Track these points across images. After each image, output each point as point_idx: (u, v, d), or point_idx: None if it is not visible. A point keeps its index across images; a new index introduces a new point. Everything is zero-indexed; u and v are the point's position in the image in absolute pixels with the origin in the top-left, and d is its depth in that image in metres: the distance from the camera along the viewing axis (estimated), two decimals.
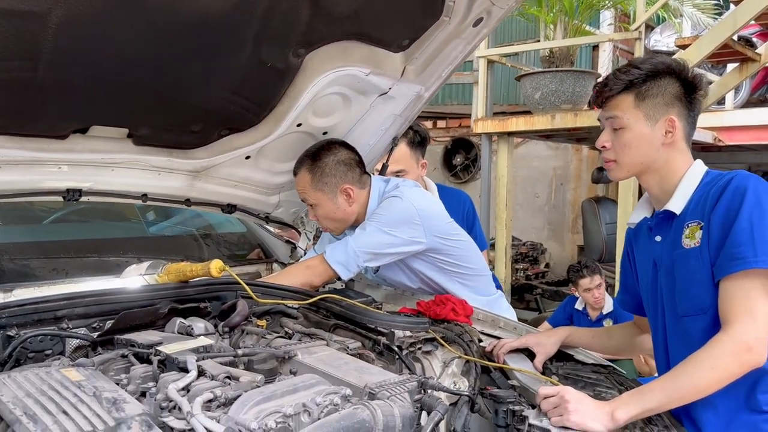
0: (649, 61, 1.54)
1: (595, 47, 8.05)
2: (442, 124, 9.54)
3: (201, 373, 1.21)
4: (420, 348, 1.76)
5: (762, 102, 6.43)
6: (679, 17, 6.28)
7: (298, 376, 1.26)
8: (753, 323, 1.34)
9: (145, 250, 2.61)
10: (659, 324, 1.61)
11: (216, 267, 1.74)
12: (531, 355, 1.78)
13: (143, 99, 1.73)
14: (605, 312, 3.93)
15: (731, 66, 5.63)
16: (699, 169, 1.55)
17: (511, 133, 5.64)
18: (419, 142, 2.72)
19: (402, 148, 2.59)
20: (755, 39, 5.76)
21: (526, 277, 7.11)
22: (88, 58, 1.48)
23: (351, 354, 1.53)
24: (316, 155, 2.11)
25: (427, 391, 1.26)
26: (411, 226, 2.05)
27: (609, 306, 3.93)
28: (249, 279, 2.00)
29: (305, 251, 2.58)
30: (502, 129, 5.54)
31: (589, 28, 6.18)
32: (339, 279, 2.13)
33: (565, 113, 5.12)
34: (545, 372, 1.72)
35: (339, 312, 1.81)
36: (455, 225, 2.22)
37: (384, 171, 2.44)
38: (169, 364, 1.27)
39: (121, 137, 1.88)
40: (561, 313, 4.26)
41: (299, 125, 2.09)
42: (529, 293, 6.84)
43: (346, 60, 1.90)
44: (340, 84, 1.98)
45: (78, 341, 1.51)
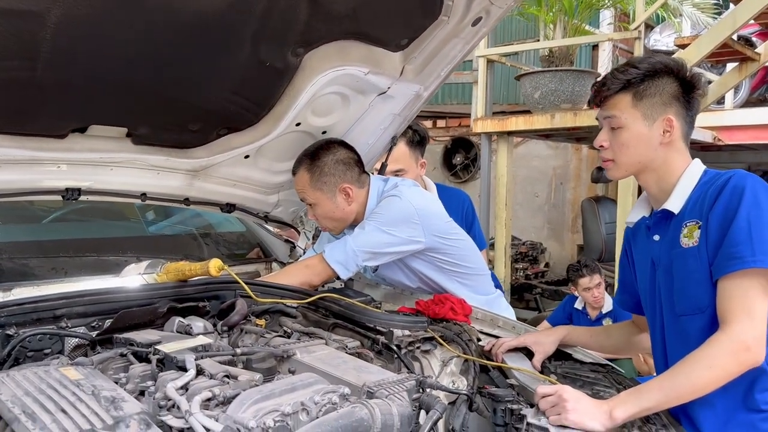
0: (647, 61, 1.55)
1: (595, 47, 8.04)
2: (441, 123, 9.53)
3: (200, 372, 1.21)
4: (419, 347, 1.76)
5: (761, 101, 6.43)
6: (679, 17, 6.27)
7: (296, 374, 1.27)
8: (751, 322, 1.34)
9: (145, 249, 2.61)
10: (657, 323, 1.61)
11: (215, 266, 1.74)
12: (530, 354, 1.78)
13: (142, 98, 1.73)
14: (605, 311, 3.93)
15: (731, 65, 5.62)
16: (697, 169, 1.55)
17: (511, 133, 5.63)
18: (418, 141, 2.72)
19: (401, 147, 2.60)
20: (755, 38, 5.76)
21: (525, 277, 7.11)
22: (86, 57, 1.48)
23: (350, 353, 1.53)
24: (314, 155, 2.12)
25: (426, 390, 1.26)
26: (410, 225, 2.05)
27: (608, 305, 3.93)
28: (248, 278, 2.00)
29: (304, 250, 2.58)
30: (501, 128, 5.53)
31: (589, 27, 6.17)
32: (338, 278, 2.13)
33: (565, 113, 5.12)
34: (544, 371, 1.72)
35: (338, 311, 1.81)
36: (454, 224, 2.22)
37: (383, 170, 2.44)
38: (168, 363, 1.27)
39: (120, 136, 1.88)
40: (560, 313, 4.26)
41: (298, 124, 2.09)
42: (529, 293, 6.84)
43: (344, 59, 1.90)
44: (338, 83, 1.98)
45: (77, 340, 1.51)
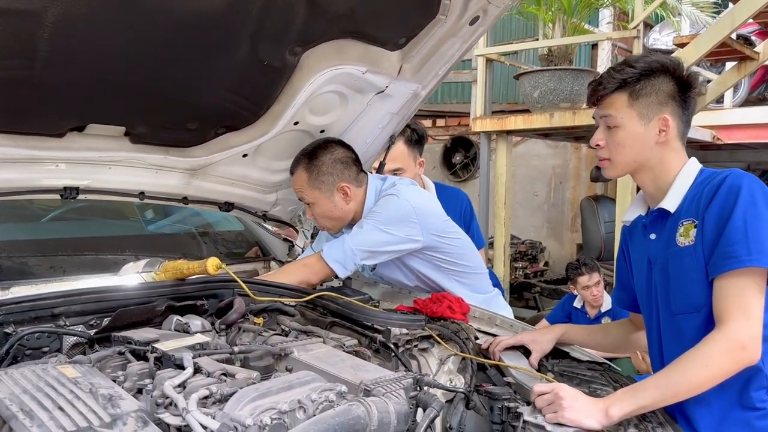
0: (644, 60, 1.55)
1: (594, 46, 8.04)
2: (441, 122, 9.53)
3: (197, 370, 1.22)
4: (416, 345, 1.77)
5: (761, 100, 6.42)
6: (678, 16, 6.27)
7: (293, 373, 1.27)
8: (747, 321, 1.35)
9: (143, 248, 2.61)
10: (654, 321, 1.62)
11: (213, 265, 1.75)
12: (527, 353, 1.79)
13: (140, 97, 1.73)
14: (604, 310, 3.94)
15: (730, 64, 5.62)
16: (693, 168, 1.55)
17: (510, 132, 5.64)
18: (416, 140, 2.72)
19: (399, 146, 2.60)
20: (754, 37, 5.76)
21: (525, 276, 7.13)
22: (84, 56, 1.49)
23: (347, 351, 1.54)
24: (312, 154, 2.12)
25: (423, 388, 1.26)
26: (408, 224, 2.06)
27: (607, 304, 3.93)
28: (246, 277, 2.00)
29: (303, 249, 2.58)
30: (500, 127, 5.54)
31: (588, 26, 6.18)
32: (336, 277, 2.13)
33: (564, 112, 5.12)
34: (541, 369, 1.72)
35: (336, 310, 1.82)
36: (452, 223, 2.23)
37: (381, 169, 2.44)
38: (166, 361, 1.28)
39: (118, 135, 1.89)
40: (559, 311, 4.26)
41: (296, 123, 2.10)
42: (528, 291, 6.85)
43: (342, 58, 1.90)
44: (336, 82, 1.99)
45: (75, 338, 1.51)
